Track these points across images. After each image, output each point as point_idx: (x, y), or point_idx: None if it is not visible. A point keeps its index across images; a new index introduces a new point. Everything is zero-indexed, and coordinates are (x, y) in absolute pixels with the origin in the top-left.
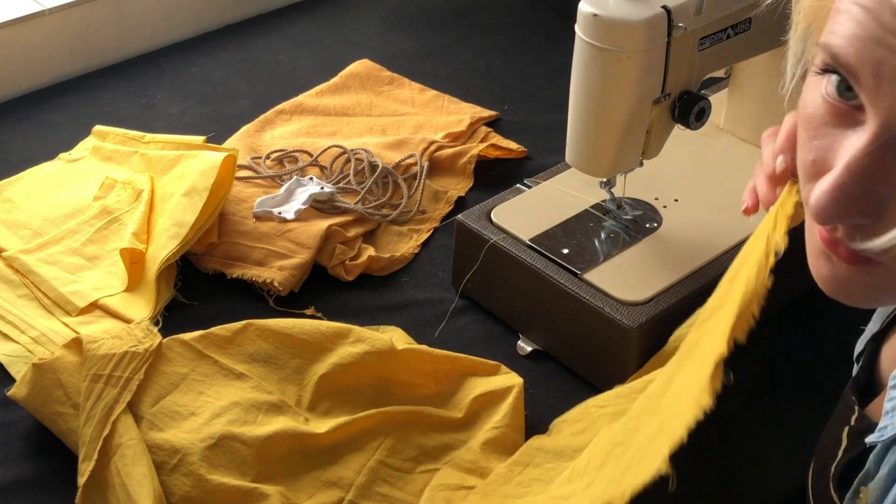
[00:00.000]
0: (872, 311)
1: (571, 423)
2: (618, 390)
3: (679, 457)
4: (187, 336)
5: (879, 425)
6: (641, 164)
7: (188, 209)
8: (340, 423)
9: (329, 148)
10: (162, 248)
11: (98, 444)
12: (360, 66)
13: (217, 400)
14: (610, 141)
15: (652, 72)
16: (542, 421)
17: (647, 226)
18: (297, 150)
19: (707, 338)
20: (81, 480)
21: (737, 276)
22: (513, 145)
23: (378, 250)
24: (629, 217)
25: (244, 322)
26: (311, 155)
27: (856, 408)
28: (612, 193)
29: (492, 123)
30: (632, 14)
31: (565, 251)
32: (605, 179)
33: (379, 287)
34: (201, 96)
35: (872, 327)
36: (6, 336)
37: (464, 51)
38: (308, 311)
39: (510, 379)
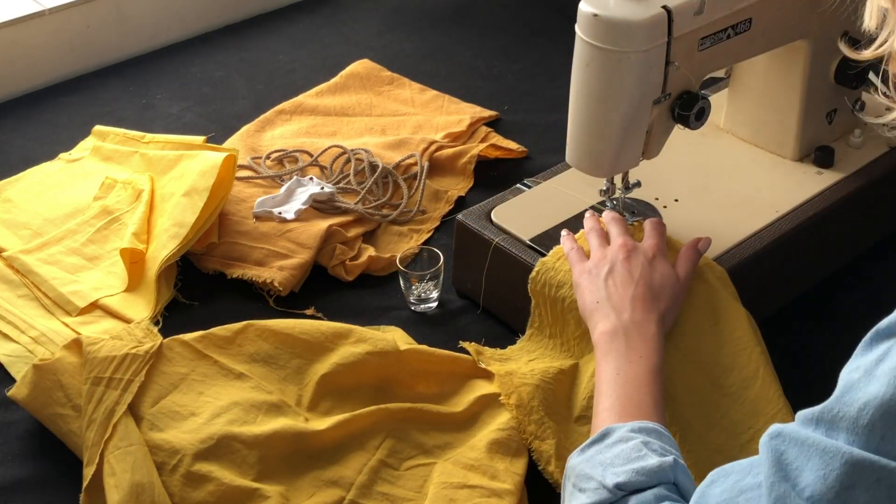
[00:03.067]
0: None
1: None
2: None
3: None
4: (187, 336)
5: None
6: (639, 185)
7: (188, 209)
8: (341, 420)
9: (329, 148)
10: (162, 248)
11: (100, 448)
12: (360, 66)
13: (217, 400)
14: (610, 141)
15: (652, 72)
16: None
17: None
18: (297, 150)
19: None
20: (84, 485)
21: None
22: (513, 145)
23: (378, 250)
24: (629, 223)
25: (244, 322)
26: (311, 155)
27: None
28: (612, 202)
29: (492, 123)
30: (632, 14)
31: None
32: (604, 188)
33: (379, 287)
34: (201, 96)
35: None
36: (6, 336)
37: (464, 51)
38: (308, 311)
39: None
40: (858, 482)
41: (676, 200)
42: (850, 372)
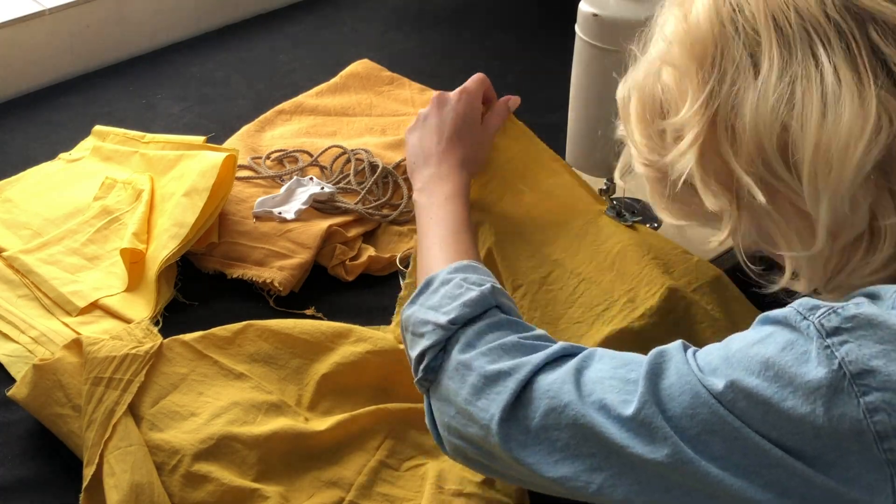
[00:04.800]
0: None
1: None
2: None
3: None
4: (188, 336)
5: None
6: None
7: (188, 209)
8: (340, 420)
9: (329, 148)
10: (162, 248)
11: (100, 448)
12: (360, 66)
13: (217, 400)
14: (610, 141)
15: None
16: None
17: (648, 226)
18: (297, 150)
19: None
20: (84, 485)
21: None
22: None
23: (378, 250)
24: (629, 223)
25: (244, 322)
26: (311, 155)
27: None
28: (611, 202)
29: None
30: (632, 14)
31: None
32: (604, 187)
33: (379, 287)
34: (201, 96)
35: None
36: (6, 336)
37: (464, 51)
38: (308, 311)
39: None
40: (719, 432)
41: None
42: (733, 342)
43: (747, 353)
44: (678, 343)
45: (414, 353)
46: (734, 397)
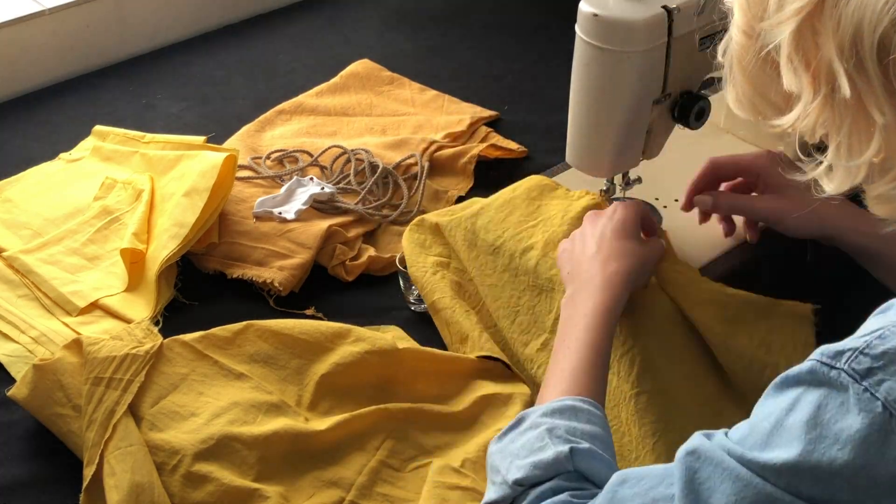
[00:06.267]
0: None
1: None
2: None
3: None
4: (188, 336)
5: None
6: (640, 182)
7: (188, 209)
8: (340, 420)
9: (329, 148)
10: (162, 248)
11: (100, 448)
12: (360, 66)
13: (217, 400)
14: (610, 141)
15: (652, 72)
16: None
17: None
18: (298, 151)
19: None
20: (84, 485)
21: None
22: (513, 145)
23: (378, 250)
24: None
25: (244, 323)
26: (311, 155)
27: None
28: (612, 202)
29: (492, 123)
30: (632, 14)
31: None
32: (604, 188)
33: (379, 287)
34: (201, 96)
35: None
36: (6, 336)
37: (464, 51)
38: (308, 311)
39: (516, 387)
40: None
41: (676, 200)
42: (762, 420)
43: (784, 424)
44: (698, 434)
45: (483, 500)
46: (780, 471)
